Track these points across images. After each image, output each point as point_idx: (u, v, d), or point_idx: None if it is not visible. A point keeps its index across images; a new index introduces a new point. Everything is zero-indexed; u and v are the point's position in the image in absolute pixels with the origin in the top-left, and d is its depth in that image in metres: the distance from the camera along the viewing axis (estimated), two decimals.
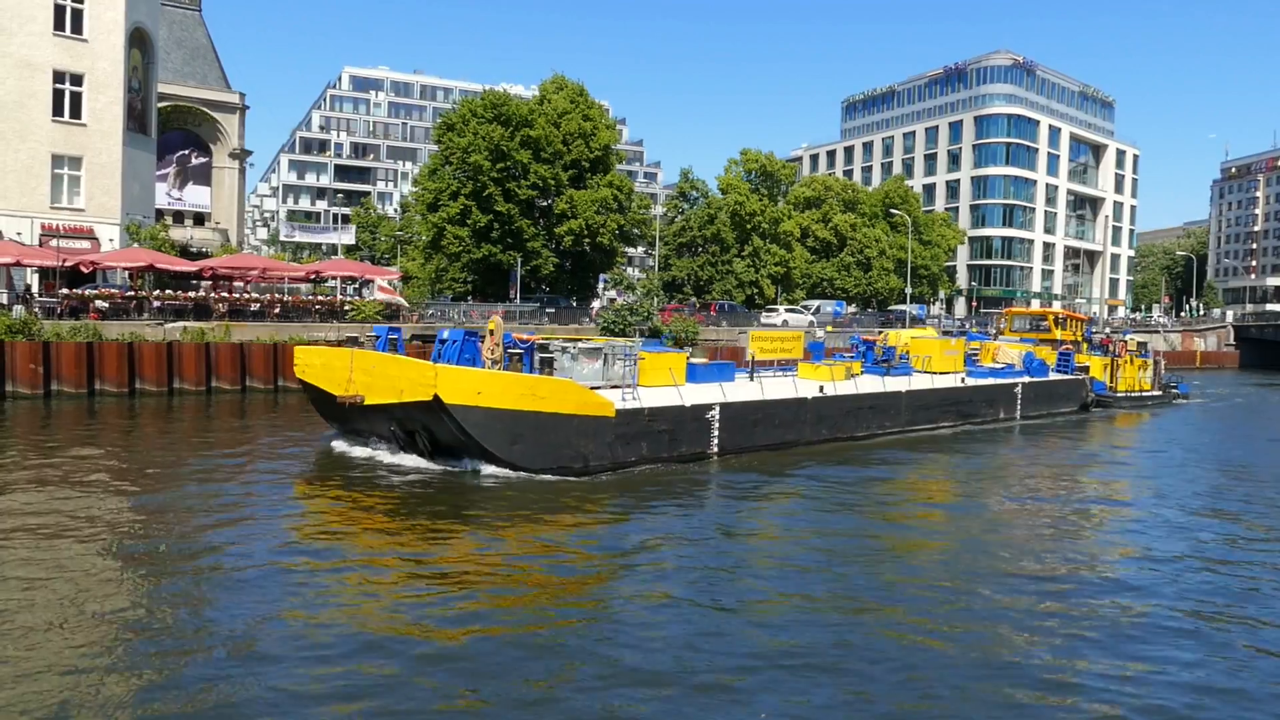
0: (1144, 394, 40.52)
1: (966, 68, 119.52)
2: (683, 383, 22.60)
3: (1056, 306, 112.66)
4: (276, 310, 36.85)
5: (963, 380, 30.88)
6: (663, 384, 21.67)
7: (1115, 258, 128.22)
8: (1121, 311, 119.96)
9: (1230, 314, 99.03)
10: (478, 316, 45.29)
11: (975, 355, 36.61)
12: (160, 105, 48.06)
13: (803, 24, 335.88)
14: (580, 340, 23.06)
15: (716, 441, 20.84)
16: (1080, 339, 41.85)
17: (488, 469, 17.57)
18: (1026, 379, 33.38)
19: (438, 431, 17.62)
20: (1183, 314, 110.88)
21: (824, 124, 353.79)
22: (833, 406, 24.35)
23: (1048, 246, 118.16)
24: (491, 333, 19.42)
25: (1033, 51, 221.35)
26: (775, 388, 24.17)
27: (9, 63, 36.86)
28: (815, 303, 67.94)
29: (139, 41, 41.86)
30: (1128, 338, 42.73)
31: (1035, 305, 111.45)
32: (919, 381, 28.79)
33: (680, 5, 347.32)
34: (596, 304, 56.61)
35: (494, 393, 17.00)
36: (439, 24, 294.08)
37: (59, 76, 38.10)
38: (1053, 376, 35.53)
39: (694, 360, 26.63)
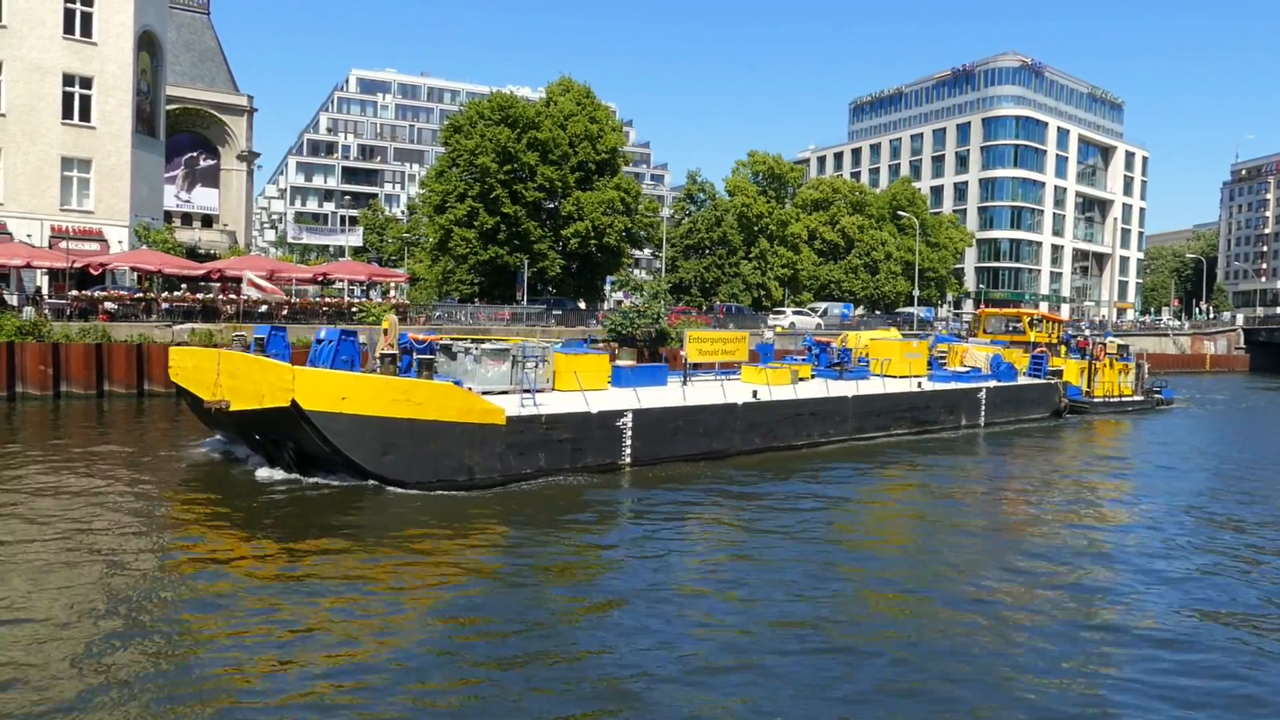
0: (1124, 399, 38.77)
1: (974, 69, 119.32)
2: (604, 387, 21.11)
3: (1044, 307, 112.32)
4: (284, 312, 36.91)
5: (920, 385, 29.05)
6: (583, 388, 20.57)
7: (1124, 260, 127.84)
8: (1130, 314, 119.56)
9: (1240, 317, 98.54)
10: (484, 318, 45.41)
11: (943, 358, 35.39)
12: (169, 108, 48.24)
13: (810, 26, 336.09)
14: (486, 340, 21.68)
15: (629, 451, 19.16)
16: (1057, 341, 40.36)
17: (359, 483, 15.93)
18: (992, 383, 31.72)
19: (301, 441, 15.96)
20: (1193, 317, 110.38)
21: (831, 126, 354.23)
22: (766, 413, 22.55)
23: (1056, 249, 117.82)
24: (385, 332, 17.99)
25: (1041, 53, 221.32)
26: (702, 393, 22.90)
27: (19, 66, 37.03)
28: (823, 305, 67.86)
29: (148, 44, 42.03)
30: (1108, 340, 41.06)
31: (1043, 308, 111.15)
32: (869, 386, 27.20)
33: (687, 7, 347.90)
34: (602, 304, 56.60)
35: (362, 398, 15.40)
36: (446, 26, 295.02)
37: (69, 79, 38.27)
38: (1021, 381, 33.87)
39: (620, 363, 25.29)
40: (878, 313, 76.86)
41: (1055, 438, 29.73)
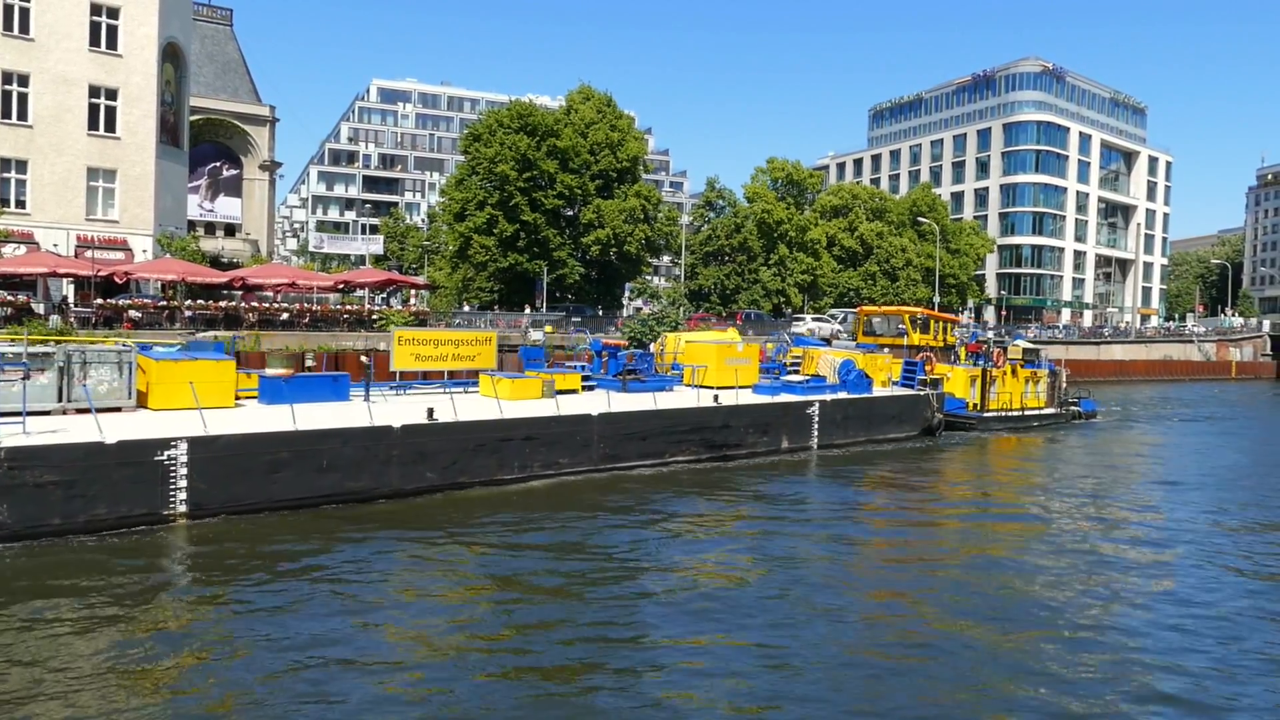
0: (1028, 412, 33.45)
1: (995, 74, 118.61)
2: (228, 404, 16.61)
3: (1066, 314, 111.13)
4: (305, 320, 37.15)
5: (716, 398, 23.44)
6: (204, 405, 16.28)
7: (1148, 266, 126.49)
8: (1154, 320, 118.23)
9: (1267, 323, 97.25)
10: (504, 325, 45.56)
11: (796, 364, 30.70)
12: (192, 118, 48.80)
13: (829, 32, 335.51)
14: (20, 340, 16.74)
15: (184, 497, 14.12)
16: (944, 345, 35.22)
17: None
18: (837, 395, 26.52)
19: None
20: (1219, 323, 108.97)
21: (851, 132, 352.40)
22: (448, 438, 17.25)
23: (1078, 255, 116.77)
24: None
25: (1062, 58, 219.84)
26: (345, 413, 17.92)
27: (46, 78, 37.57)
28: (842, 311, 67.56)
29: (172, 56, 42.52)
30: (1017, 343, 36.09)
31: (1066, 315, 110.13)
32: (633, 401, 22.06)
33: (707, 15, 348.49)
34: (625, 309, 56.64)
35: None
36: (466, 36, 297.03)
37: (94, 91, 38.76)
38: (877, 392, 28.53)
39: (270, 372, 20.09)
40: None
41: (903, 462, 24.52)
